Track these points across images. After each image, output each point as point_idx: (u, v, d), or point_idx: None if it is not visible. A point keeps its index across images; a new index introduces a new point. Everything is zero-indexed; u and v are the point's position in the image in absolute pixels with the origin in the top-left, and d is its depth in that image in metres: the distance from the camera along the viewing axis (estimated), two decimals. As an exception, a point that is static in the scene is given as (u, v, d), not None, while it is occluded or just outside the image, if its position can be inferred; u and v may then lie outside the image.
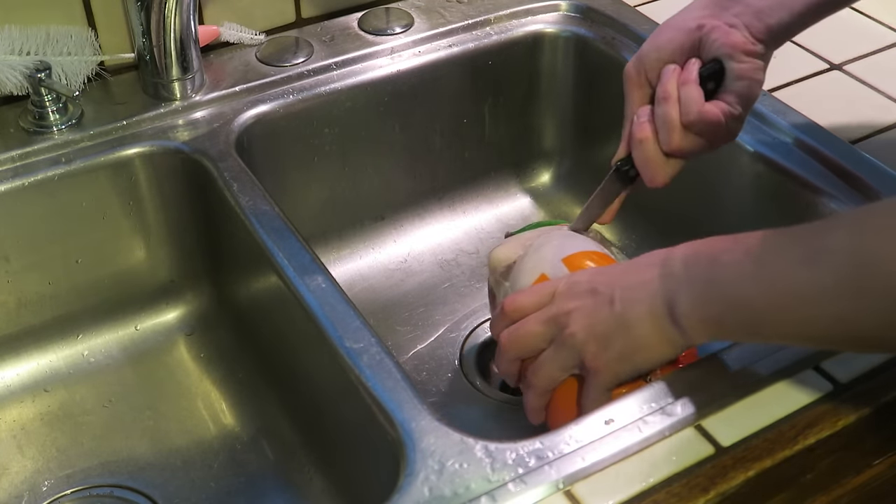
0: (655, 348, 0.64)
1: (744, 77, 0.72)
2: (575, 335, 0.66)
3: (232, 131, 0.87)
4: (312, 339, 0.71)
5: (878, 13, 1.00)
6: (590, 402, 0.66)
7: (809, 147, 0.83)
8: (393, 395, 0.64)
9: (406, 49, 0.96)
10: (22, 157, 0.84)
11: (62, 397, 0.87)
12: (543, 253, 0.76)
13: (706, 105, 0.72)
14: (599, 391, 0.66)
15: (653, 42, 0.77)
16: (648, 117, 0.75)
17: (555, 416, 0.71)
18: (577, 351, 0.66)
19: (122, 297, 0.91)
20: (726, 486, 0.58)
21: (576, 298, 0.67)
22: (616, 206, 0.80)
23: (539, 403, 0.70)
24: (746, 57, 0.73)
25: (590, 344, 0.65)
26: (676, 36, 0.76)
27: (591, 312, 0.66)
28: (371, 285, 0.98)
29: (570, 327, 0.66)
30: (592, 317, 0.65)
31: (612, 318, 0.65)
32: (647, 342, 0.64)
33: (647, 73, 0.77)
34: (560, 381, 0.68)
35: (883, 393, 0.64)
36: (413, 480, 0.59)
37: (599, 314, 0.65)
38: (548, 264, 0.74)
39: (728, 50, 0.73)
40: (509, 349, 0.70)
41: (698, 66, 0.74)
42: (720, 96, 0.73)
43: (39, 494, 0.80)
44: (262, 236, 0.77)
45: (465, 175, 1.04)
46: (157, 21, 0.84)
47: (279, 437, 0.83)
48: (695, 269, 0.62)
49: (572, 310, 0.66)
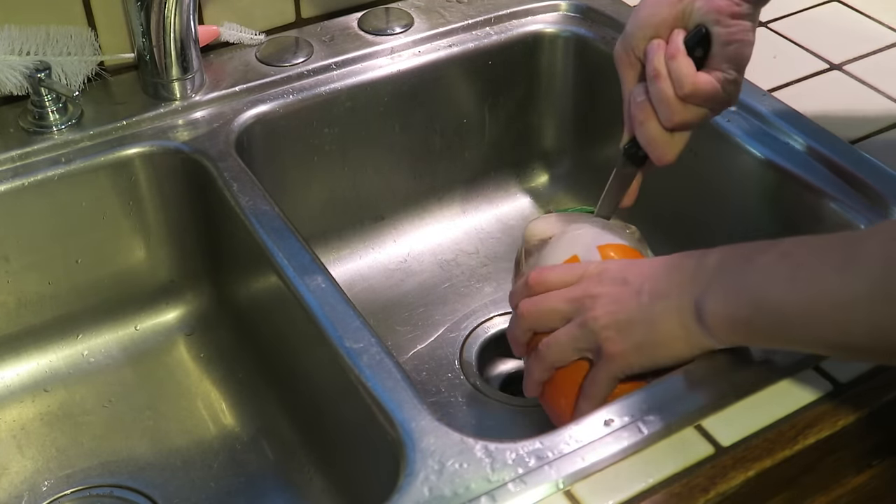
0: (676, 345, 0.64)
1: (732, 40, 0.71)
2: (598, 319, 0.66)
3: (232, 131, 0.87)
4: (312, 339, 0.71)
5: (878, 13, 1.00)
6: (594, 389, 0.67)
7: (809, 147, 0.83)
8: (393, 395, 0.64)
9: (406, 49, 0.96)
10: (22, 157, 0.84)
11: (62, 397, 0.87)
12: (581, 235, 0.76)
13: (699, 76, 0.71)
14: (608, 378, 0.66)
15: (636, 19, 0.75)
16: (645, 96, 0.74)
17: (552, 394, 0.71)
18: (596, 334, 0.66)
19: (122, 297, 0.91)
20: (726, 486, 0.58)
21: (605, 285, 0.68)
22: (635, 187, 0.80)
23: (542, 377, 0.70)
24: (732, 20, 0.71)
25: (610, 330, 0.65)
26: (659, 10, 0.74)
27: (618, 300, 0.66)
28: (371, 285, 0.98)
29: (594, 310, 0.66)
30: (618, 304, 0.66)
31: (637, 309, 0.65)
32: (668, 337, 0.64)
33: (635, 50, 0.75)
34: (569, 361, 0.68)
35: (883, 393, 0.64)
36: (413, 480, 0.59)
37: (626, 303, 0.66)
38: (582, 247, 0.75)
39: (713, 16, 0.71)
40: (526, 319, 0.71)
41: (682, 35, 0.72)
42: (712, 63, 0.72)
43: (39, 494, 0.80)
44: (262, 236, 0.77)
45: (465, 175, 1.04)
46: (157, 21, 0.84)
47: (279, 437, 0.83)
48: (727, 270, 0.62)
49: (599, 294, 0.67)
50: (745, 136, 0.85)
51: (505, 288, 0.97)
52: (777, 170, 0.83)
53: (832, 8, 1.01)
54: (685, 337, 0.63)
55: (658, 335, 0.64)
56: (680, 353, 0.65)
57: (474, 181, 1.05)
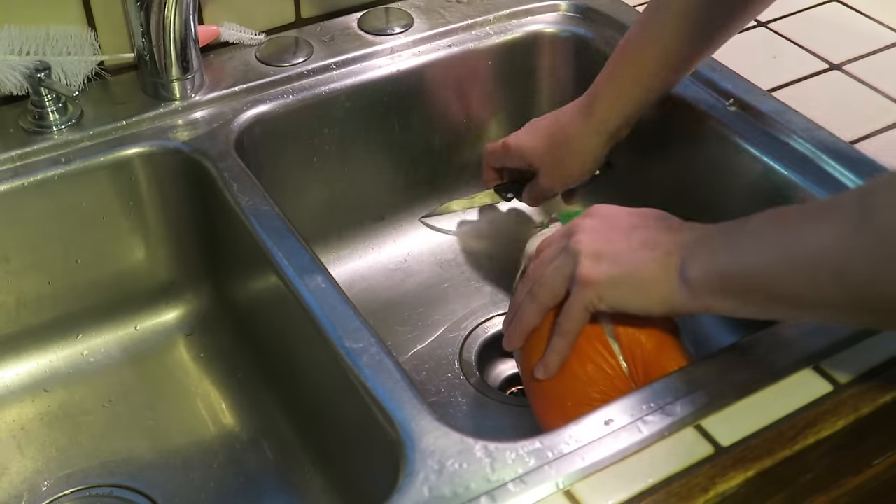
0: (653, 293, 0.65)
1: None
2: (580, 242, 0.68)
3: (232, 131, 0.87)
4: (312, 339, 0.71)
5: (878, 13, 1.00)
6: (567, 321, 0.68)
7: (809, 147, 0.83)
8: (393, 395, 0.64)
9: (406, 49, 0.96)
10: (22, 157, 0.84)
11: (62, 397, 0.87)
12: None
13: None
14: (580, 308, 0.67)
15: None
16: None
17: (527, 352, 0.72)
18: (575, 257, 0.67)
19: (122, 297, 0.91)
20: (726, 486, 0.58)
21: (595, 220, 0.69)
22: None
23: (534, 320, 0.71)
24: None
25: (590, 257, 0.67)
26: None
27: (605, 233, 0.68)
28: (371, 285, 0.98)
29: (578, 235, 0.68)
30: (604, 235, 0.67)
31: (626, 249, 0.66)
32: (648, 283, 0.65)
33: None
34: (560, 297, 0.69)
35: (882, 393, 0.64)
36: (413, 480, 0.59)
37: (614, 240, 0.67)
38: None
39: None
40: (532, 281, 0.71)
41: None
42: None
43: (39, 494, 0.80)
44: (262, 236, 0.77)
45: (465, 175, 1.04)
46: (157, 21, 0.84)
47: (279, 436, 0.83)
48: (716, 230, 0.64)
49: (589, 227, 0.69)
50: (745, 136, 0.85)
51: (505, 288, 0.97)
52: (776, 170, 0.83)
53: (832, 8, 1.01)
54: (665, 291, 0.64)
55: (639, 278, 0.65)
56: (654, 303, 0.65)
57: (474, 181, 1.05)
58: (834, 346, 0.66)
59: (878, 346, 0.66)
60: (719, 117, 0.87)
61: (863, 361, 0.65)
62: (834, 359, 0.65)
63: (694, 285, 0.63)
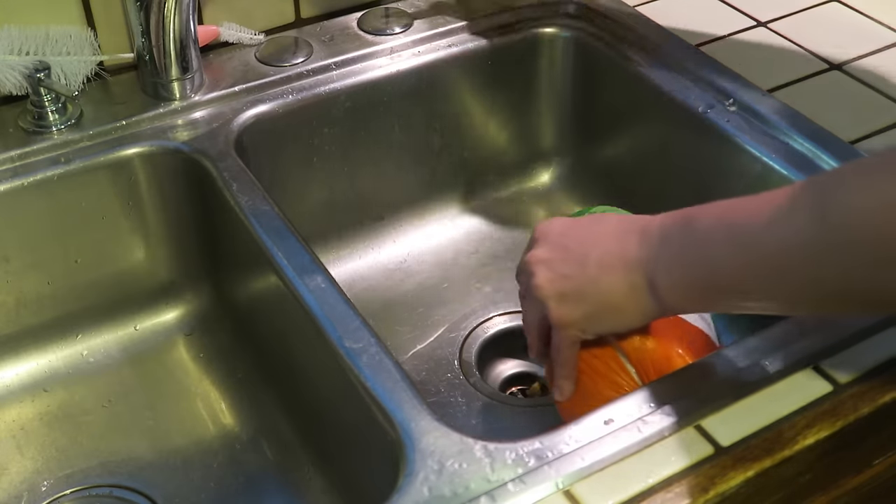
0: (628, 314, 0.66)
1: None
2: (540, 288, 0.68)
3: (231, 131, 0.87)
4: (312, 338, 0.71)
5: (878, 13, 1.00)
6: (559, 355, 0.69)
7: (809, 147, 0.83)
8: (392, 395, 0.64)
9: (406, 49, 0.96)
10: (21, 157, 0.84)
11: (61, 397, 0.87)
12: None
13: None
14: (568, 343, 0.68)
15: None
16: None
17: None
18: (542, 303, 0.68)
19: (122, 297, 0.91)
20: (726, 486, 0.58)
21: (544, 249, 0.69)
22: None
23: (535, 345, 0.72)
24: None
25: (553, 300, 0.67)
26: None
27: (559, 267, 0.67)
28: (371, 285, 0.98)
29: (535, 278, 0.68)
30: (559, 271, 0.67)
31: (584, 280, 0.66)
32: (619, 308, 0.65)
33: None
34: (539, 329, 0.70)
35: (882, 393, 0.64)
36: (412, 480, 0.59)
37: (567, 271, 0.67)
38: None
39: None
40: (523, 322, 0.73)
41: None
42: None
43: (39, 494, 0.80)
44: (262, 236, 0.77)
45: (465, 175, 1.04)
46: (157, 21, 0.84)
47: (279, 436, 0.83)
48: (670, 237, 0.63)
49: (539, 261, 0.68)
50: (745, 136, 0.85)
51: (505, 288, 0.97)
52: (776, 170, 0.83)
53: (832, 8, 1.01)
54: (641, 306, 0.64)
55: (611, 304, 0.65)
56: (634, 320, 0.66)
57: (474, 181, 1.05)
58: (834, 346, 0.66)
59: (878, 346, 0.66)
60: (719, 117, 0.87)
61: (863, 361, 0.65)
62: (834, 359, 0.65)
63: (665, 298, 0.63)
